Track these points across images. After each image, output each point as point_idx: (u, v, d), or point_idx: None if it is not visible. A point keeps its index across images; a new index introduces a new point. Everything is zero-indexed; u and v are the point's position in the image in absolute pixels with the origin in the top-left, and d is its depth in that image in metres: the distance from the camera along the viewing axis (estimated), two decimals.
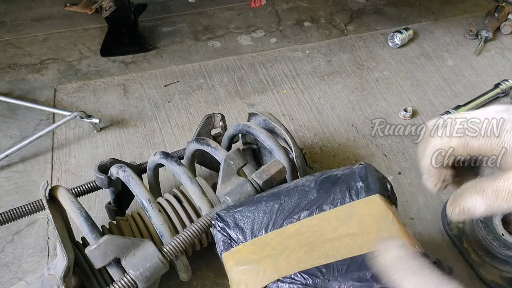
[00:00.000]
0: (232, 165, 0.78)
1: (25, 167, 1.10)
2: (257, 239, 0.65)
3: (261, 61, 1.43)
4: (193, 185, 0.79)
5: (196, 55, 1.45)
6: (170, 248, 0.71)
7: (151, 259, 0.69)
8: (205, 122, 0.95)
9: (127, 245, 0.68)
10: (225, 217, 0.68)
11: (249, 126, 0.87)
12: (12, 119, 1.21)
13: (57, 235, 0.68)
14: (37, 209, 0.81)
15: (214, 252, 0.93)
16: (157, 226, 0.74)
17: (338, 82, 1.37)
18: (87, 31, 1.52)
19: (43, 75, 1.35)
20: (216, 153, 0.83)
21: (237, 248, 0.65)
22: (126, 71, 1.38)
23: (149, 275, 0.68)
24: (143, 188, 0.77)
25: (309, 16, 1.63)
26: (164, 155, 0.83)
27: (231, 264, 0.63)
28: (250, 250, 0.64)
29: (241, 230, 0.66)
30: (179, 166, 0.81)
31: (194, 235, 0.73)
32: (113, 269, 0.69)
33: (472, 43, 1.52)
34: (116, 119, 1.23)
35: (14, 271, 0.91)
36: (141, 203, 0.76)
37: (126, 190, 0.88)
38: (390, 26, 1.58)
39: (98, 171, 0.84)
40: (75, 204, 0.72)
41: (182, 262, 0.76)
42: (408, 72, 1.41)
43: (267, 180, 0.76)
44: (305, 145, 1.17)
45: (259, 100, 1.30)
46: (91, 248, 0.67)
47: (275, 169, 0.77)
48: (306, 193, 0.68)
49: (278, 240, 0.64)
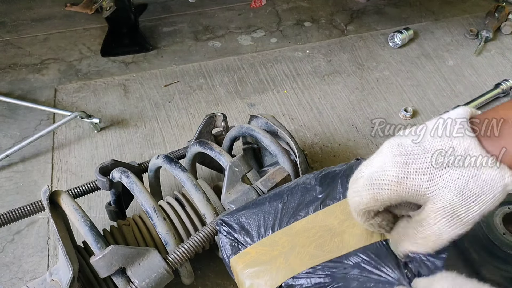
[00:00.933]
0: (237, 171, 0.78)
1: (25, 167, 1.10)
2: (265, 240, 0.65)
3: (262, 61, 1.43)
4: (198, 193, 0.78)
5: (196, 55, 1.45)
6: (175, 257, 0.70)
7: (156, 269, 0.68)
8: (207, 122, 0.94)
9: (133, 254, 0.68)
10: (229, 222, 0.68)
11: (253, 129, 0.85)
12: (13, 119, 1.21)
13: (61, 246, 0.67)
14: (36, 210, 0.80)
15: (215, 252, 0.94)
16: (162, 234, 0.74)
17: (339, 82, 1.36)
18: (87, 31, 1.52)
19: (44, 75, 1.35)
20: (220, 158, 0.82)
21: (246, 251, 0.65)
22: (126, 71, 1.38)
23: (155, 285, 0.68)
24: (147, 195, 0.76)
25: (310, 16, 1.63)
26: (167, 160, 0.82)
27: (241, 267, 0.63)
28: (259, 252, 0.64)
29: (247, 232, 0.66)
30: (183, 173, 0.80)
31: (199, 244, 0.72)
32: (118, 278, 0.68)
33: (473, 43, 1.52)
34: (116, 119, 1.23)
35: (14, 271, 0.91)
36: (146, 210, 0.75)
37: (127, 191, 0.88)
38: (391, 26, 1.58)
39: (100, 174, 0.83)
40: (79, 212, 0.71)
41: (186, 269, 0.76)
42: (409, 72, 1.41)
43: (272, 188, 0.76)
44: (305, 145, 1.17)
45: (260, 100, 1.30)
46: (96, 258, 0.66)
47: (280, 177, 0.77)
48: (308, 190, 0.68)
49: (286, 238, 0.64)
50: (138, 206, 1.00)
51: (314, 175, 0.70)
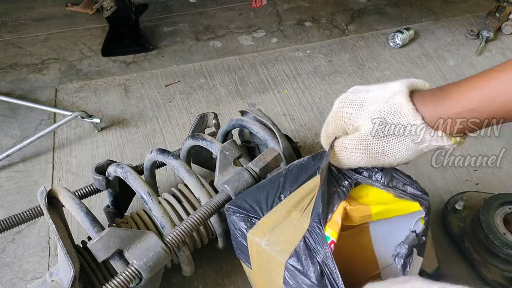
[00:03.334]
0: (228, 155, 0.79)
1: (26, 166, 1.10)
2: (276, 208, 0.68)
3: (262, 61, 1.43)
4: (191, 177, 0.79)
5: (197, 55, 1.45)
6: (172, 237, 0.71)
7: (154, 248, 0.68)
8: (199, 122, 0.96)
9: (129, 236, 0.68)
10: (237, 203, 0.70)
11: (242, 120, 0.89)
12: (13, 119, 1.21)
13: (62, 246, 0.67)
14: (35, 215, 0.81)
15: (215, 251, 0.94)
16: (158, 218, 0.74)
17: (339, 82, 1.36)
18: (88, 31, 1.52)
19: (44, 75, 1.36)
20: (211, 147, 0.83)
21: (260, 222, 0.67)
22: (127, 71, 1.38)
23: (153, 264, 0.68)
24: (141, 182, 0.77)
25: (310, 16, 1.63)
26: (160, 151, 0.84)
27: (260, 237, 0.65)
28: (273, 218, 0.67)
29: (257, 205, 0.69)
30: (176, 160, 0.82)
31: (196, 224, 0.72)
32: (117, 261, 0.69)
33: (473, 43, 1.52)
34: (117, 119, 1.23)
35: (15, 270, 0.91)
36: (141, 196, 0.76)
37: (124, 191, 0.89)
38: (391, 26, 1.58)
39: (96, 173, 0.84)
40: (75, 201, 0.72)
41: (185, 253, 0.76)
42: (409, 72, 1.41)
43: (263, 167, 0.77)
44: (306, 145, 1.17)
45: (260, 100, 1.30)
46: (93, 241, 0.67)
47: (271, 156, 0.79)
48: (306, 165, 0.73)
49: (294, 199, 0.68)
50: (137, 208, 1.00)
51: (308, 156, 0.75)
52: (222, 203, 0.75)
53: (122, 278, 0.66)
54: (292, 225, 0.64)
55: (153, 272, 0.68)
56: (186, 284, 0.90)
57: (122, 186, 0.87)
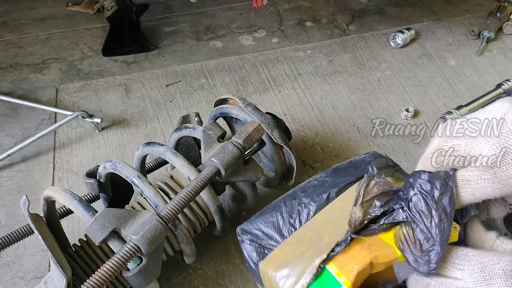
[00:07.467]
0: (211, 134, 0.82)
1: (27, 166, 1.10)
2: (290, 239, 0.66)
3: (263, 61, 1.43)
4: (178, 158, 0.81)
5: (197, 55, 1.45)
6: (167, 211, 0.71)
7: (149, 221, 0.68)
8: (182, 122, 0.98)
9: (124, 215, 0.69)
10: (250, 229, 0.69)
11: (222, 107, 0.93)
12: (14, 119, 1.21)
13: (51, 256, 0.67)
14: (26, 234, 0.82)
15: (216, 252, 0.94)
16: (151, 198, 0.75)
17: (340, 82, 1.36)
18: (89, 31, 1.52)
19: (45, 74, 1.36)
20: (195, 132, 0.86)
21: (273, 253, 0.65)
22: (127, 70, 1.38)
23: (150, 237, 0.67)
24: (130, 168, 0.78)
25: (311, 16, 1.63)
26: (146, 144, 0.86)
27: (272, 270, 0.64)
28: (287, 251, 0.65)
29: (270, 235, 0.67)
30: (162, 146, 0.83)
31: (188, 197, 0.72)
32: (115, 242, 0.69)
33: (474, 43, 1.52)
34: (117, 119, 1.23)
35: (16, 270, 0.91)
36: (131, 181, 0.77)
37: (118, 197, 0.89)
38: (392, 26, 1.58)
39: (87, 177, 0.85)
40: (67, 192, 0.73)
41: (182, 231, 0.76)
42: (410, 72, 1.40)
43: (246, 138, 0.79)
44: (306, 145, 1.17)
45: (261, 100, 1.30)
46: (89, 223, 0.67)
47: (252, 127, 0.81)
48: (320, 185, 0.72)
49: (311, 232, 0.65)
50: None
51: (323, 172, 0.74)
52: (212, 176, 0.76)
53: (122, 254, 0.65)
54: (305, 266, 0.62)
55: (151, 245, 0.67)
56: (187, 284, 0.90)
57: (115, 191, 0.88)
